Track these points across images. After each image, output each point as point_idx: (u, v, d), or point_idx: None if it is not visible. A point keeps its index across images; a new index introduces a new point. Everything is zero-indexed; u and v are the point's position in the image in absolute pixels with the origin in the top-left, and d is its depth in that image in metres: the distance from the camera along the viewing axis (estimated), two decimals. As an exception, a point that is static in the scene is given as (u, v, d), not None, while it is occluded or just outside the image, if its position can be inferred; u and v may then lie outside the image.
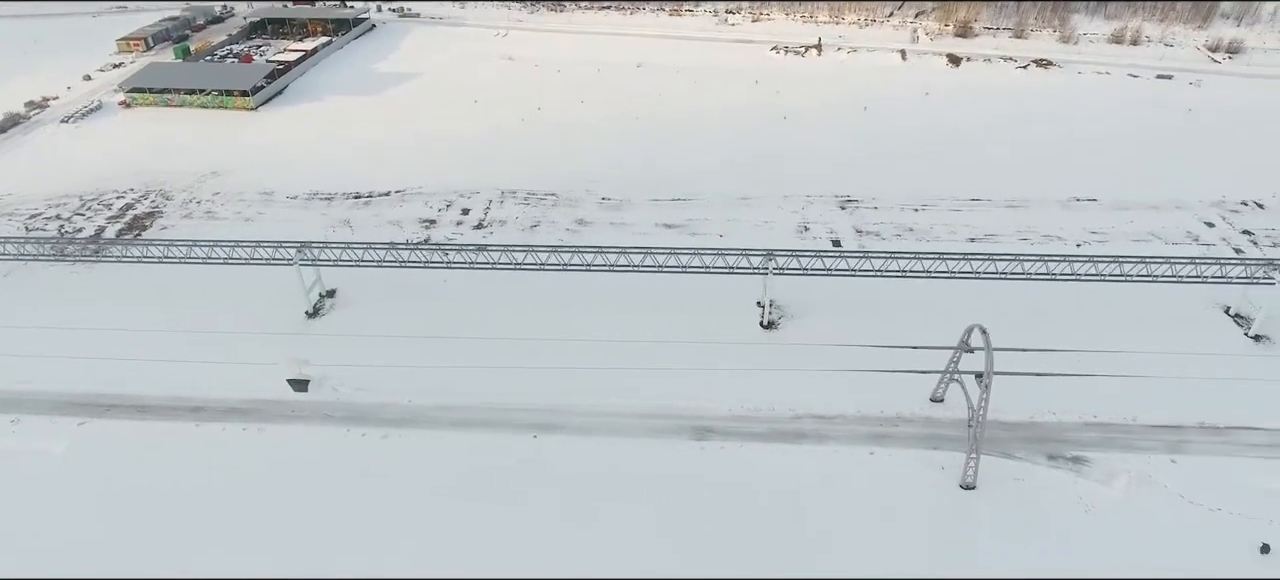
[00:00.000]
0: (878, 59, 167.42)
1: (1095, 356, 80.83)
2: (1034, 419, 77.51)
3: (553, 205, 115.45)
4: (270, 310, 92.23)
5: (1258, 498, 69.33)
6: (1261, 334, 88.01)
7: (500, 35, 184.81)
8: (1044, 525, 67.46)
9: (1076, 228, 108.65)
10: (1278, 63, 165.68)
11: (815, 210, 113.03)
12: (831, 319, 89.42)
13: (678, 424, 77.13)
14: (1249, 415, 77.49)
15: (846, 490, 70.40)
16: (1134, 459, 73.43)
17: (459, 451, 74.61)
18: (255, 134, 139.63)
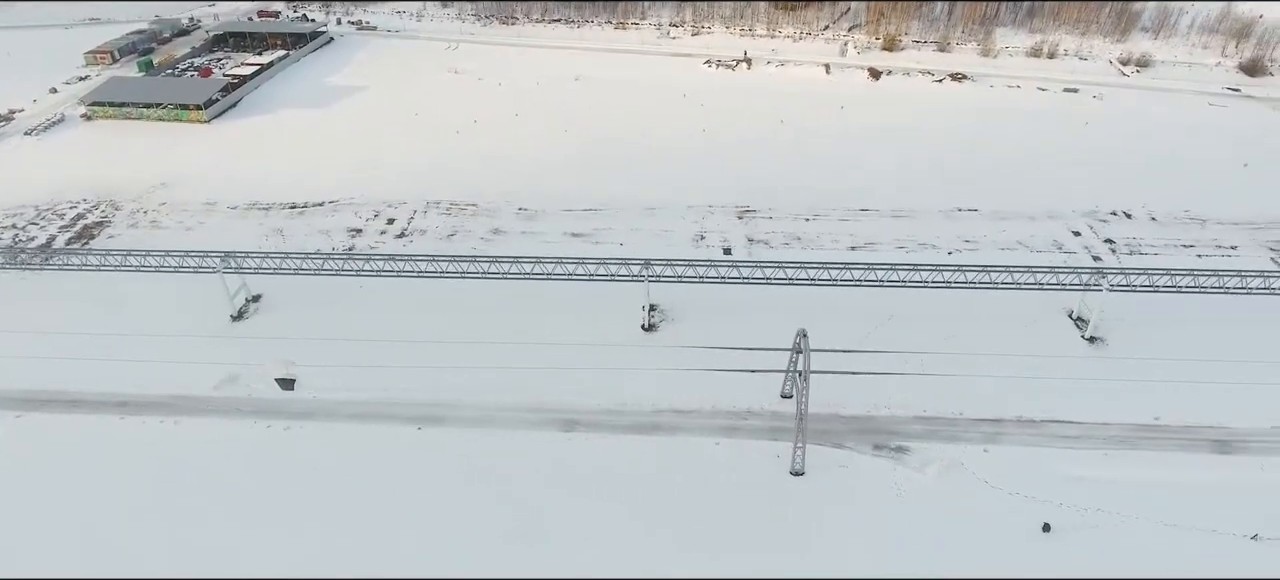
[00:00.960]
0: (803, 72, 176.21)
1: (937, 357, 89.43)
2: (871, 413, 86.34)
3: (472, 215, 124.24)
4: (199, 314, 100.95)
5: (1053, 483, 78.16)
6: (1096, 336, 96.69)
7: (450, 48, 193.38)
8: (859, 508, 76.30)
9: (952, 236, 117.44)
10: (1181, 75, 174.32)
11: (714, 220, 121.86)
12: (707, 322, 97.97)
13: (549, 417, 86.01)
14: (1065, 409, 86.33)
15: (687, 477, 79.20)
16: (951, 449, 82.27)
17: (350, 442, 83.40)
18: (205, 146, 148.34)
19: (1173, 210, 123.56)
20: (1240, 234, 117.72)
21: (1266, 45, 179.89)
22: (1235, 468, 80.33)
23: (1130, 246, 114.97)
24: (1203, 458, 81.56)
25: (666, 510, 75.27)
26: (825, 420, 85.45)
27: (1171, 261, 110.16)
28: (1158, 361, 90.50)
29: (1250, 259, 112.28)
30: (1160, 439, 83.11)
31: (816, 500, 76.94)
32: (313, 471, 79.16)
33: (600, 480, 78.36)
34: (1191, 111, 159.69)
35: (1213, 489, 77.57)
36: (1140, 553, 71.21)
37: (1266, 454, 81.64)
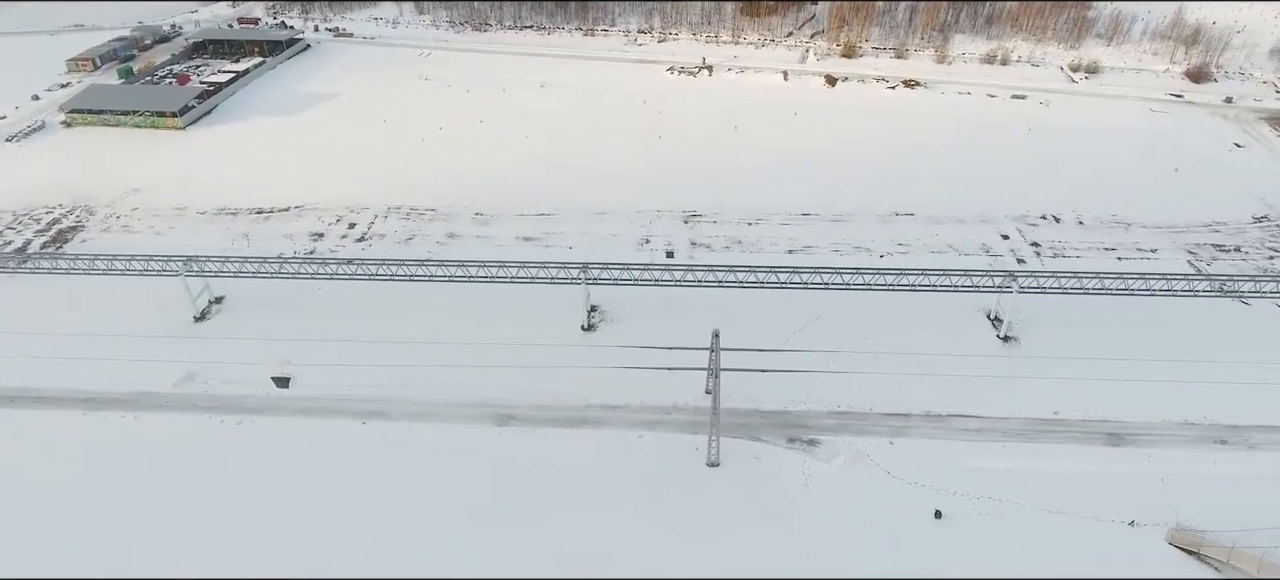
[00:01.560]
0: (762, 79, 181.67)
1: (857, 356, 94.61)
2: (788, 408, 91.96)
3: (430, 220, 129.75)
4: (163, 315, 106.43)
5: (951, 473, 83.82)
6: (1010, 335, 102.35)
7: (423, 56, 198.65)
8: (766, 496, 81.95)
9: (886, 240, 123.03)
10: (1128, 82, 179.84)
11: (661, 224, 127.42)
12: (644, 322, 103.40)
13: (486, 412, 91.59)
14: (971, 404, 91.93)
15: (610, 467, 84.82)
16: (859, 441, 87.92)
17: (297, 435, 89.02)
18: (179, 153, 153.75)
19: (1101, 214, 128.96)
20: (1162, 237, 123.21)
21: (1213, 51, 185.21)
22: (1125, 459, 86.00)
23: (1054, 250, 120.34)
24: (1095, 450, 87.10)
25: (586, 497, 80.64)
26: (745, 415, 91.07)
27: (1093, 264, 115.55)
28: (1065, 360, 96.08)
29: (1168, 261, 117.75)
30: (1057, 432, 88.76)
31: (728, 489, 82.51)
32: (261, 463, 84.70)
33: (528, 470, 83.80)
34: (1133, 117, 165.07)
35: (1101, 478, 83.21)
36: (1022, 538, 76.89)
37: (1155, 446, 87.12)
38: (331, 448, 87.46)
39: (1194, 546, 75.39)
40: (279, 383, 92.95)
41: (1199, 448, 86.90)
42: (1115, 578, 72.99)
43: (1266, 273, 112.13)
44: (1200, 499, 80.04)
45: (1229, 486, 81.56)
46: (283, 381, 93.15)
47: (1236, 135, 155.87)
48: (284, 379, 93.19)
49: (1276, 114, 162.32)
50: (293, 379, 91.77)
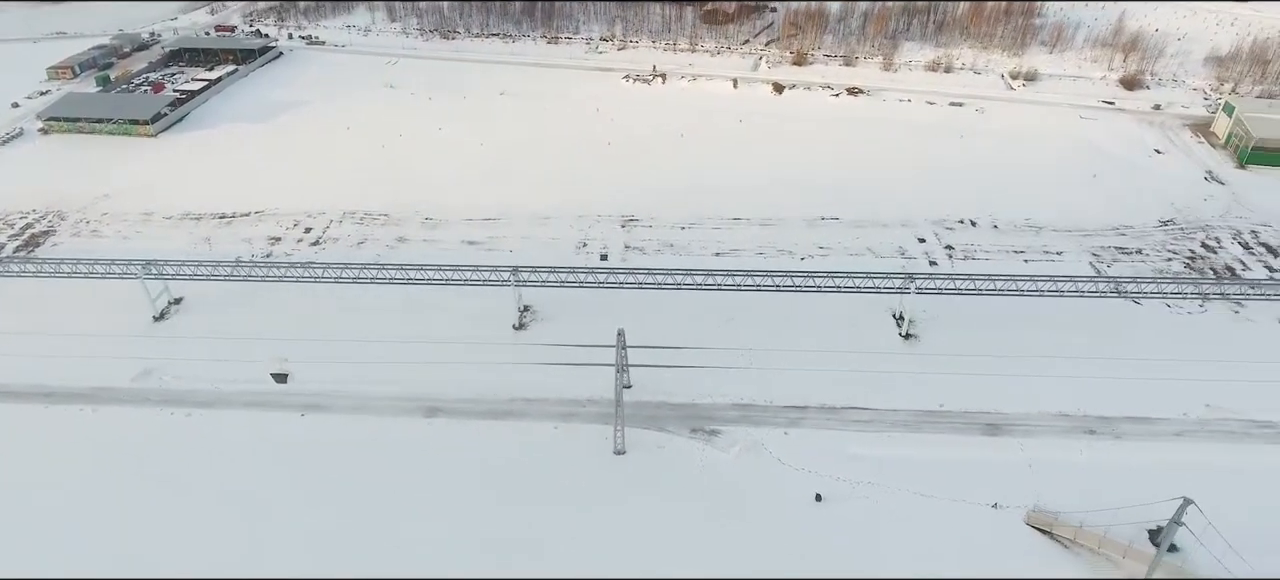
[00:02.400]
0: (713, 86, 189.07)
1: (766, 352, 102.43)
2: (695, 401, 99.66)
3: (382, 224, 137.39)
4: (126, 315, 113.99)
5: (837, 461, 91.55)
6: (911, 333, 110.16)
7: (391, 64, 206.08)
8: (664, 481, 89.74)
9: (809, 243, 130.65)
10: (1065, 89, 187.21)
11: (599, 228, 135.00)
12: (573, 322, 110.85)
13: (416, 405, 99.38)
14: (864, 397, 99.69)
15: (525, 455, 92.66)
16: (757, 432, 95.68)
17: (240, 426, 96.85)
18: (150, 159, 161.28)
19: (1015, 218, 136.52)
20: (1069, 241, 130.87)
21: (1149, 58, 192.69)
22: (999, 448, 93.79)
23: (966, 252, 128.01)
24: (973, 439, 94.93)
25: (500, 482, 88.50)
26: (655, 407, 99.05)
27: (1000, 266, 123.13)
28: (958, 356, 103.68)
29: (1073, 264, 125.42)
30: (940, 423, 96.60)
31: (630, 475, 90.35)
32: (208, 453, 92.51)
33: (451, 457, 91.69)
34: (1062, 124, 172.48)
35: (974, 465, 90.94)
36: (890, 519, 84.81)
37: (1028, 436, 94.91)
38: (272, 439, 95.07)
39: (1047, 526, 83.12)
40: (277, 378, 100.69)
41: (1070, 437, 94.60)
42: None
43: (1162, 274, 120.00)
44: (1063, 484, 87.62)
45: (1091, 473, 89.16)
46: (281, 377, 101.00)
47: (1158, 141, 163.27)
48: (282, 375, 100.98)
49: (1200, 121, 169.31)
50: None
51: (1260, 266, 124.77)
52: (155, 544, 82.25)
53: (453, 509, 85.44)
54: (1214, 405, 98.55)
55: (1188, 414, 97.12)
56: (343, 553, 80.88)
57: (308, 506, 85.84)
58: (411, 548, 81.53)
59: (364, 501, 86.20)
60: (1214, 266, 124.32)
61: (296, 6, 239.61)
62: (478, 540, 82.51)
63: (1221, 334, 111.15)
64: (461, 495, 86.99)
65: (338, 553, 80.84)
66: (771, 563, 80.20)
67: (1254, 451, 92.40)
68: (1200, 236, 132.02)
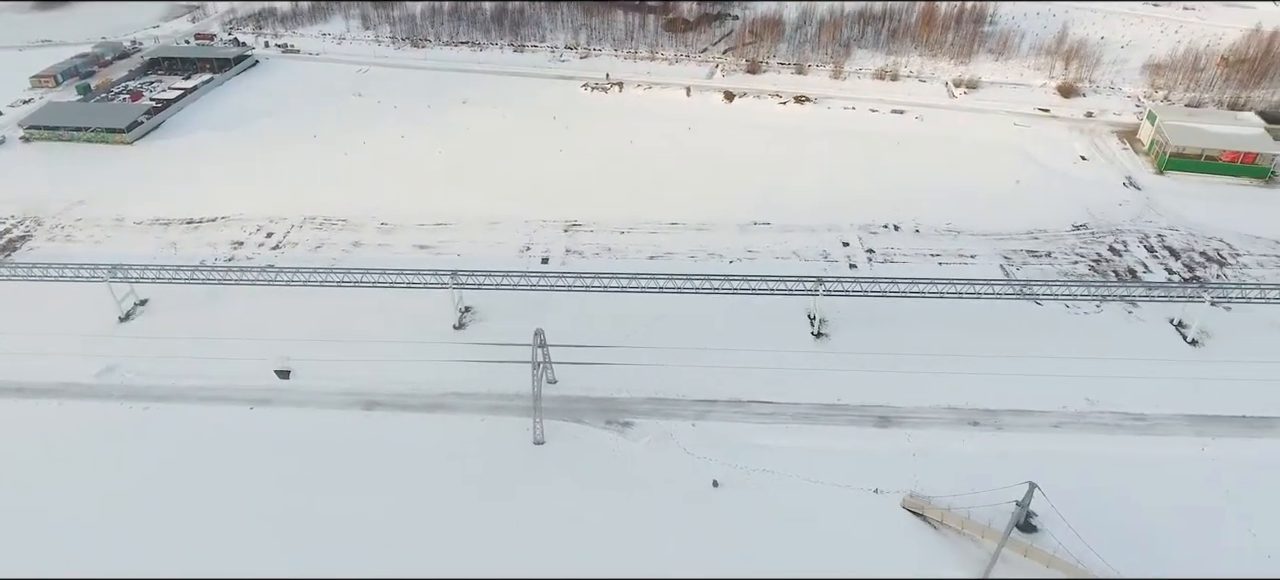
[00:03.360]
0: (668, 94, 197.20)
1: (683, 350, 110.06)
2: (613, 396, 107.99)
3: (340, 229, 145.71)
4: (94, 315, 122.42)
5: (737, 450, 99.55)
6: (821, 332, 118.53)
7: (361, 72, 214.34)
8: (577, 468, 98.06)
9: (739, 247, 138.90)
10: (1005, 96, 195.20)
11: (544, 233, 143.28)
12: (509, 322, 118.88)
13: (357, 400, 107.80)
14: (769, 392, 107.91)
15: (453, 445, 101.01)
16: (666, 423, 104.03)
17: (193, 418, 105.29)
18: (125, 167, 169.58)
19: (937, 223, 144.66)
20: (984, 244, 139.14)
21: (1087, 66, 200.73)
22: (888, 438, 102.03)
23: (885, 256, 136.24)
24: (866, 430, 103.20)
25: (427, 470, 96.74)
26: (576, 401, 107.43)
27: (916, 269, 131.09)
28: (863, 354, 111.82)
29: (985, 266, 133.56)
30: (836, 416, 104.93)
31: (546, 463, 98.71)
32: (160, 444, 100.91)
33: (384, 448, 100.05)
34: (996, 131, 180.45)
35: (863, 454, 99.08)
36: (778, 502, 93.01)
37: (917, 427, 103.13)
38: (221, 431, 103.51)
39: (920, 509, 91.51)
40: (281, 375, 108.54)
41: (955, 428, 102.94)
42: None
43: (1066, 277, 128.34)
44: (942, 471, 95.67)
45: (969, 461, 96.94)
46: (284, 374, 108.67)
47: (1085, 148, 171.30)
48: (285, 372, 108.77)
49: (1129, 128, 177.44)
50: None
51: (1161, 269, 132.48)
52: (100, 532, 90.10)
53: (382, 495, 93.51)
54: (1093, 399, 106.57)
55: (1067, 407, 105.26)
56: (277, 535, 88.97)
57: (251, 493, 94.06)
58: (342, 528, 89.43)
59: (301, 488, 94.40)
60: (1117, 269, 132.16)
61: (275, 15, 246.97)
62: (403, 522, 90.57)
63: (1112, 333, 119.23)
64: (391, 482, 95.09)
65: (273, 536, 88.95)
66: (667, 543, 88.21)
67: (1120, 442, 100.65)
68: (1109, 240, 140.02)
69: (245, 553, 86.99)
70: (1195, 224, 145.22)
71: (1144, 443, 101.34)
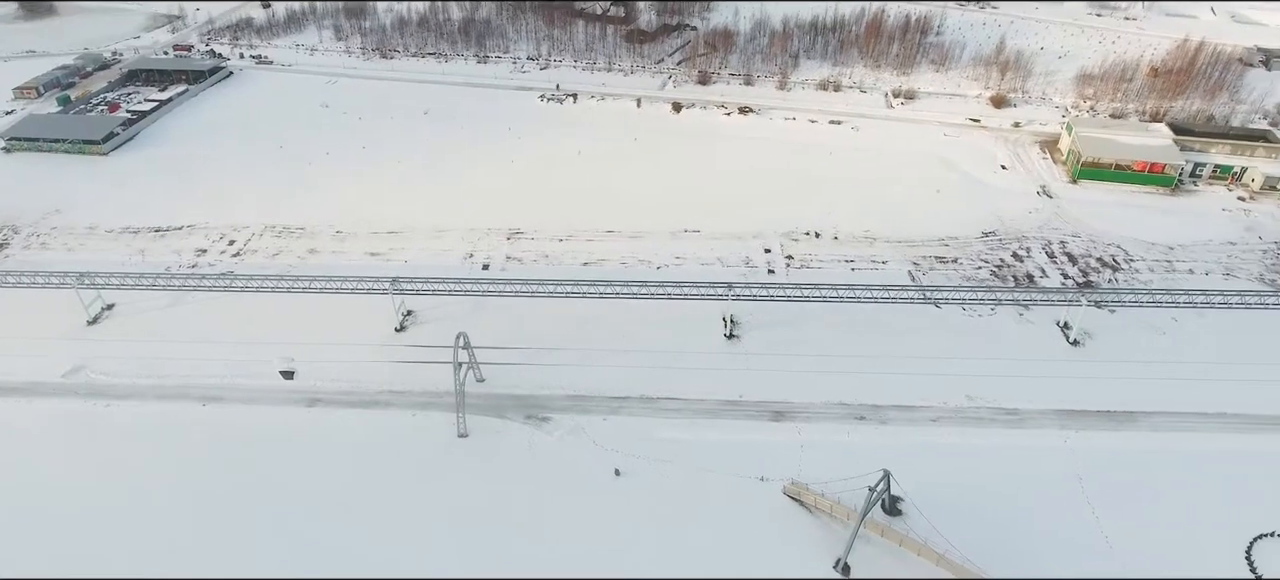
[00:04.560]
0: (619, 105, 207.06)
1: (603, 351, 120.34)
2: (535, 393, 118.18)
3: (297, 237, 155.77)
4: (65, 319, 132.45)
5: (643, 442, 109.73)
6: (733, 334, 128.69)
7: (330, 83, 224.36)
8: (495, 459, 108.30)
9: (669, 254, 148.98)
10: (941, 107, 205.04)
11: (487, 241, 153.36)
12: (443, 324, 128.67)
13: (300, 397, 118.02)
14: (679, 389, 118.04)
15: (384, 438, 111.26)
16: (581, 418, 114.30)
17: (150, 413, 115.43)
18: (101, 176, 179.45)
19: (856, 230, 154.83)
20: (897, 251, 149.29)
21: (1021, 76, 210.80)
22: (780, 432, 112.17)
23: (803, 262, 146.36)
24: (761, 424, 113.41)
25: (359, 459, 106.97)
26: (501, 398, 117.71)
27: (830, 274, 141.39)
28: (766, 355, 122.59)
29: (894, 272, 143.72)
30: (736, 411, 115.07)
31: (468, 454, 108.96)
32: (119, 438, 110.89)
33: (322, 440, 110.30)
34: (926, 142, 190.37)
35: (755, 446, 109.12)
36: (672, 489, 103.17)
37: (808, 421, 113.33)
38: (175, 424, 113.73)
39: (798, 495, 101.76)
40: (285, 375, 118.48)
41: (842, 422, 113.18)
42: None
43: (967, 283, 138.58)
44: (825, 461, 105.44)
45: (851, 452, 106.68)
46: (288, 374, 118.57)
47: (1007, 158, 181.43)
48: (289, 372, 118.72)
49: (1050, 138, 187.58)
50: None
51: (1058, 274, 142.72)
52: (60, 520, 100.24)
53: (316, 482, 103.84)
54: (973, 396, 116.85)
55: (948, 403, 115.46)
56: (217, 522, 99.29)
57: (196, 483, 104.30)
58: (278, 513, 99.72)
59: (243, 477, 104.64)
60: (1016, 274, 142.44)
61: (252, 26, 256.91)
62: (332, 508, 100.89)
63: (1003, 335, 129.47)
64: (326, 471, 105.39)
65: (213, 523, 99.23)
66: (569, 526, 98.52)
67: (990, 434, 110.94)
68: (1014, 246, 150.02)
69: (187, 539, 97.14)
70: (1098, 231, 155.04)
71: (1012, 435, 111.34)
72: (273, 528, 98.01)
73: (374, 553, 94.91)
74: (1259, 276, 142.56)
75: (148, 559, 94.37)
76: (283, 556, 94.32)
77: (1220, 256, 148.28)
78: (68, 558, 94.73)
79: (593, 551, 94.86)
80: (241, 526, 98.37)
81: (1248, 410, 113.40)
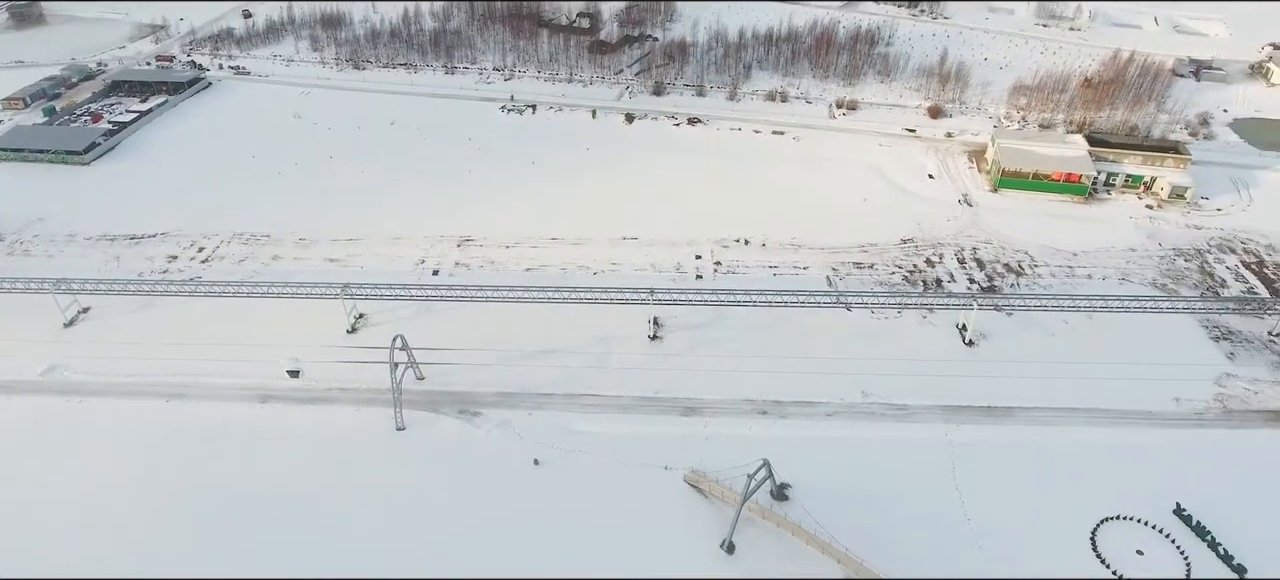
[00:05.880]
0: (576, 117, 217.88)
1: (533, 351, 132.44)
2: (469, 390, 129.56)
3: (263, 244, 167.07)
4: (43, 322, 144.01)
5: (562, 435, 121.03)
6: (656, 335, 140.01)
7: (303, 94, 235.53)
8: (428, 449, 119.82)
9: (606, 260, 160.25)
10: (880, 117, 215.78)
11: (439, 247, 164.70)
12: (392, 327, 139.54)
13: (255, 394, 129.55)
14: (600, 386, 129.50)
15: (328, 431, 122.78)
16: (508, 413, 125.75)
17: (117, 408, 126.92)
18: (82, 185, 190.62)
19: (783, 238, 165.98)
20: (818, 257, 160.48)
21: (960, 87, 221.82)
22: (688, 425, 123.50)
23: (730, 267, 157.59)
24: (672, 418, 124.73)
25: (303, 450, 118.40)
26: (437, 394, 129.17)
27: (753, 279, 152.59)
28: (684, 355, 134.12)
29: (813, 277, 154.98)
30: (650, 406, 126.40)
31: (403, 446, 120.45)
32: (90, 429, 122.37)
33: (272, 434, 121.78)
34: (862, 151, 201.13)
35: (664, 438, 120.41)
36: (584, 476, 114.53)
37: (714, 416, 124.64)
38: (143, 420, 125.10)
39: (697, 482, 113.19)
40: (292, 374, 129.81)
41: (746, 417, 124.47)
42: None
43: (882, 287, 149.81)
44: (727, 452, 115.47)
45: (750, 444, 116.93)
46: (294, 373, 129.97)
47: (935, 167, 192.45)
48: (295, 371, 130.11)
49: (979, 148, 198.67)
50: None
51: (965, 279, 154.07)
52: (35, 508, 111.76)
53: (264, 468, 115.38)
54: (869, 392, 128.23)
55: (844, 399, 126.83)
56: (174, 509, 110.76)
57: (156, 472, 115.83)
58: (229, 498, 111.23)
59: (200, 468, 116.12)
60: (925, 279, 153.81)
61: (232, 36, 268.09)
62: (279, 494, 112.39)
63: (906, 336, 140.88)
64: (273, 460, 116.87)
65: (170, 510, 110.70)
66: (491, 509, 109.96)
67: (878, 427, 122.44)
68: (928, 253, 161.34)
69: (147, 525, 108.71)
70: (1009, 238, 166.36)
71: (899, 428, 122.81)
72: (221, 513, 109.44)
73: (311, 540, 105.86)
74: (1152, 281, 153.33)
75: (107, 546, 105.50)
76: (227, 544, 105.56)
77: (1119, 262, 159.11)
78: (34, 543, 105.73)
79: (509, 533, 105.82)
80: (192, 517, 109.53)
81: (1114, 406, 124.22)
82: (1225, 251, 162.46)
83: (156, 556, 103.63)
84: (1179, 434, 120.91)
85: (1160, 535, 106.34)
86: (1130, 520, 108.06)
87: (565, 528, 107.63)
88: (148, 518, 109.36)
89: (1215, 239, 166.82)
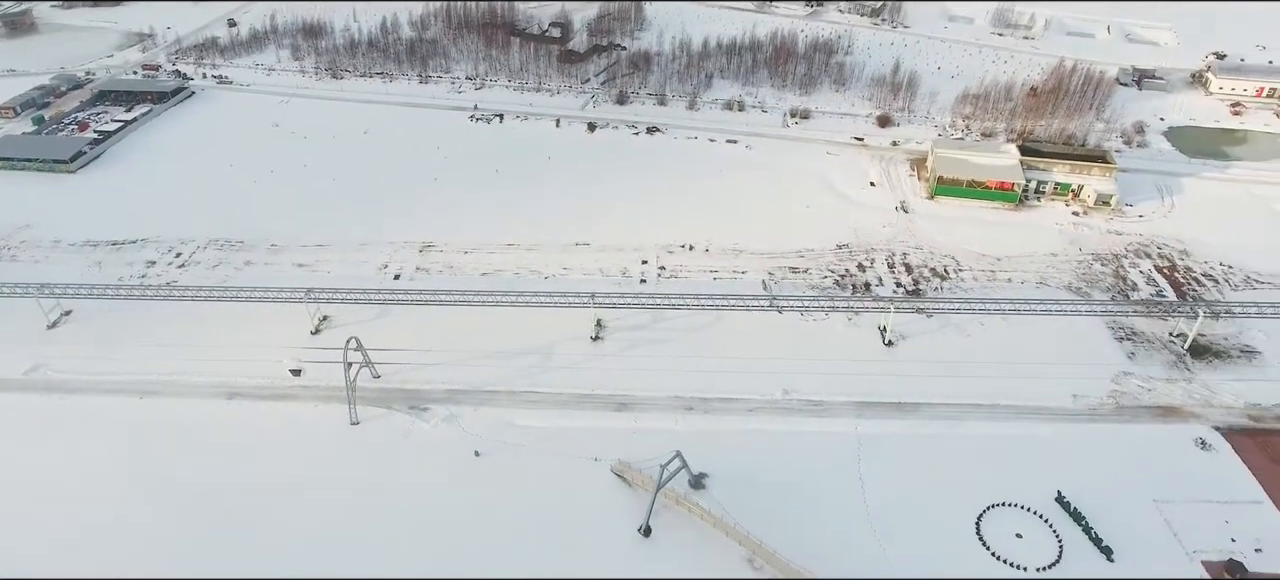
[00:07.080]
0: (541, 125, 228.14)
1: (485, 352, 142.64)
2: (420, 388, 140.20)
3: (237, 249, 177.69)
4: (28, 324, 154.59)
5: (504, 428, 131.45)
6: (598, 336, 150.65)
7: (283, 103, 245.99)
8: (379, 442, 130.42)
9: (558, 265, 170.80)
10: (830, 126, 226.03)
11: (402, 253, 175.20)
12: (354, 328, 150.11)
13: (221, 391, 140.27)
14: (542, 384, 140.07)
15: (288, 424, 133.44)
16: (455, 408, 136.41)
17: (93, 405, 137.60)
18: (68, 193, 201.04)
19: (726, 243, 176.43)
20: (756, 261, 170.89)
21: (909, 96, 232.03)
22: (619, 419, 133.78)
23: (672, 272, 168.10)
24: (605, 413, 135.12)
25: (267, 441, 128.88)
26: (391, 392, 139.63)
27: (694, 283, 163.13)
28: (622, 355, 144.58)
29: (750, 281, 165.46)
30: (585, 403, 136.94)
31: (355, 438, 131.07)
32: (71, 425, 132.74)
33: (238, 428, 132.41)
34: (809, 160, 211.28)
35: (596, 431, 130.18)
36: (519, 466, 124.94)
37: (644, 411, 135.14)
38: (118, 415, 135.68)
39: (622, 472, 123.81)
40: (294, 373, 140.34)
41: (673, 412, 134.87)
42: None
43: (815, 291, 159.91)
44: (653, 444, 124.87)
45: (675, 437, 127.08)
46: (296, 372, 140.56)
47: (877, 175, 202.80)
48: (298, 370, 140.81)
49: (921, 156, 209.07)
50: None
51: (893, 283, 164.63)
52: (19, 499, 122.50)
53: (227, 460, 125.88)
54: (790, 390, 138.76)
55: (766, 396, 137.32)
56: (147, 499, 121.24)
57: (130, 464, 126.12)
58: (197, 487, 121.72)
59: (170, 459, 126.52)
60: (855, 282, 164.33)
61: (216, 46, 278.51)
62: (240, 482, 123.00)
63: (832, 336, 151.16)
64: (237, 451, 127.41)
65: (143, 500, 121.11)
66: (432, 497, 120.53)
67: (794, 422, 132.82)
68: (861, 257, 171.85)
69: (120, 514, 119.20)
70: (939, 243, 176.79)
71: (814, 422, 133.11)
72: (189, 501, 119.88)
73: (272, 521, 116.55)
74: (1068, 284, 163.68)
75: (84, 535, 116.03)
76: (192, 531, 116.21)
77: (1040, 267, 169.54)
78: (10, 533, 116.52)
79: (448, 518, 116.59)
80: (164, 505, 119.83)
81: (1015, 402, 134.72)
82: (1141, 256, 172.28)
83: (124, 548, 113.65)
84: (1070, 428, 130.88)
85: (1040, 520, 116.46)
86: (1014, 507, 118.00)
87: (500, 514, 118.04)
88: (118, 507, 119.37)
89: (1134, 244, 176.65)
